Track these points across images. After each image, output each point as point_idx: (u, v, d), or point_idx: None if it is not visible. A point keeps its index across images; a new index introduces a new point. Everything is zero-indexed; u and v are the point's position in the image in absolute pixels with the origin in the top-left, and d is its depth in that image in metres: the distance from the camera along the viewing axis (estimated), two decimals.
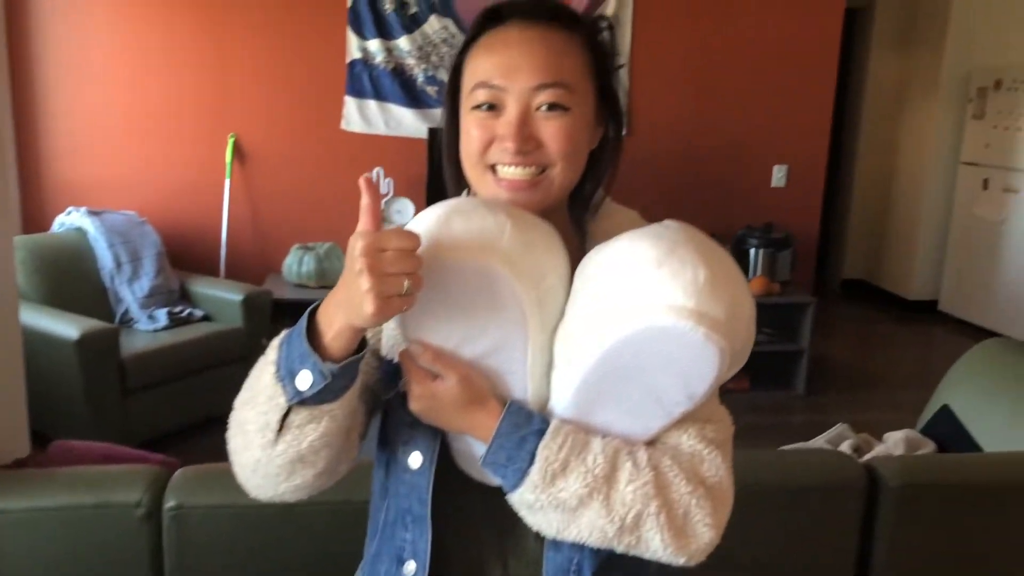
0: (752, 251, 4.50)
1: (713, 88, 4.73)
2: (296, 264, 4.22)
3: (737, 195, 4.82)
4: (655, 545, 0.87)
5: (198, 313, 3.88)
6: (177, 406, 3.64)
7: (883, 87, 6.60)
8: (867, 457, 2.17)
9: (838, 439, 2.31)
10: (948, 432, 2.24)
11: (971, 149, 5.90)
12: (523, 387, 0.91)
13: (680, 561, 0.89)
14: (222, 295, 3.91)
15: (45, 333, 3.28)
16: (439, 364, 0.89)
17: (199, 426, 3.70)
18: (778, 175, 4.88)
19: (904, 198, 6.48)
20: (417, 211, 4.44)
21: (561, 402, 0.90)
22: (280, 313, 4.21)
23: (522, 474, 0.87)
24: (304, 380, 0.83)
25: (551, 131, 0.93)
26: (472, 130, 0.95)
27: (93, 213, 3.90)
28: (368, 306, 0.76)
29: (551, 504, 0.86)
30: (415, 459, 0.97)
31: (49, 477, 1.61)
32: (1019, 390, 2.20)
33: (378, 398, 1.02)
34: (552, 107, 0.93)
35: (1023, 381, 2.22)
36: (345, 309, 0.80)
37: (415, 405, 0.91)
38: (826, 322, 5.62)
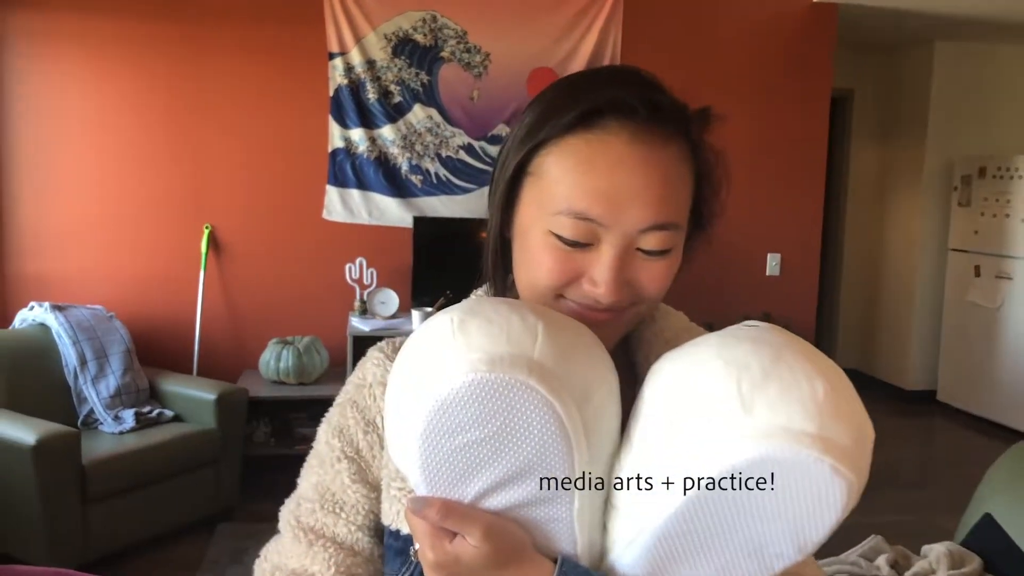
0: None
1: None
2: (274, 360, 4.01)
3: (732, 284, 4.70)
4: None
5: (168, 413, 3.63)
6: (143, 515, 3.37)
7: (865, 175, 6.61)
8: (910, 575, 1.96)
9: (873, 553, 2.10)
10: (993, 544, 2.04)
11: (959, 236, 5.86)
12: (570, 538, 0.70)
13: None
14: (194, 394, 3.67)
15: None
16: (452, 519, 0.68)
17: (168, 537, 3.43)
18: (772, 263, 4.78)
19: (893, 286, 6.41)
20: (402, 302, 4.28)
21: (627, 556, 0.70)
22: (256, 412, 3.98)
23: None
24: None
25: (650, 275, 0.76)
26: (546, 259, 0.76)
27: (57, 308, 3.68)
28: None
29: None
30: None
31: None
32: None
33: None
34: (657, 250, 0.75)
35: None
36: None
37: (426, 568, 0.71)
38: None
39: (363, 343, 3.97)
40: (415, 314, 4.01)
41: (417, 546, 0.71)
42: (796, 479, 0.62)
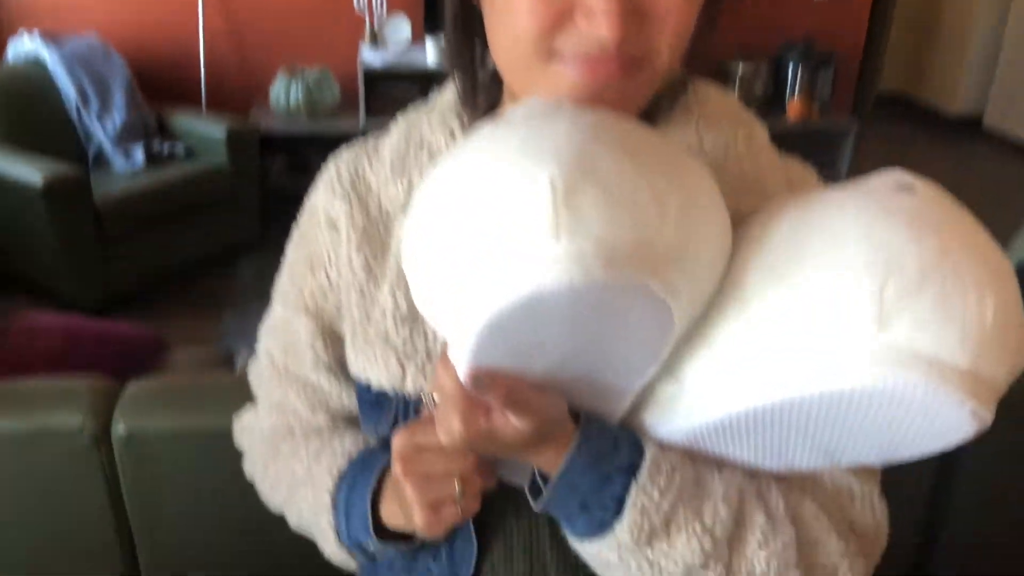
0: (790, 69, 4.09)
1: None
2: (284, 93, 3.82)
3: (774, 5, 4.28)
4: None
5: (180, 147, 3.53)
6: (161, 253, 3.40)
7: None
8: None
9: None
10: None
11: None
12: (618, 404, 0.59)
13: None
14: (204, 130, 3.54)
15: (6, 178, 2.98)
16: (514, 407, 0.54)
17: (186, 271, 3.47)
18: None
19: (954, 3, 5.88)
20: (415, 29, 3.95)
21: (671, 425, 0.58)
22: (269, 148, 3.86)
23: (604, 527, 0.58)
24: (372, 547, 0.72)
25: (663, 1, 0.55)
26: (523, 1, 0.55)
27: (49, 39, 3.46)
28: (417, 517, 0.61)
29: (642, 567, 0.59)
30: None
31: None
32: None
33: None
34: None
35: None
36: (402, 514, 0.65)
37: (448, 439, 0.58)
38: (859, 146, 5.22)
39: (376, 82, 3.76)
40: (429, 42, 3.74)
41: (433, 397, 0.58)
42: (922, 412, 0.49)
